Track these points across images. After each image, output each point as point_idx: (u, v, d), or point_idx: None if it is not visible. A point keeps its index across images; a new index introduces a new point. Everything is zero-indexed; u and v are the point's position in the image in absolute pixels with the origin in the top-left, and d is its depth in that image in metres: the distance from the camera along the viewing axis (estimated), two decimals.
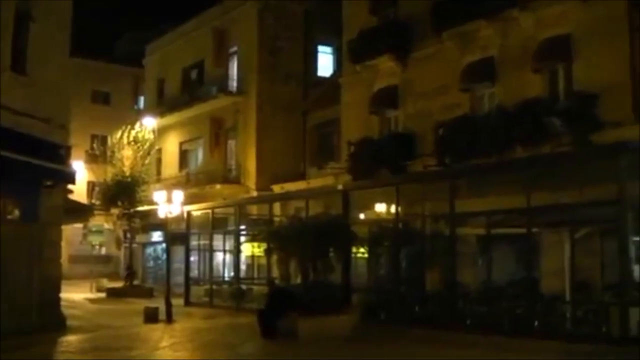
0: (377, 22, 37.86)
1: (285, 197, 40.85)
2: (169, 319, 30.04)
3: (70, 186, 28.62)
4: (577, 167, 23.68)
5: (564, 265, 25.21)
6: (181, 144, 55.87)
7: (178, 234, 41.00)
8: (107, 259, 64.29)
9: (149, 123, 52.13)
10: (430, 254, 29.11)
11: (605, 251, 24.90)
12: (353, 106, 38.91)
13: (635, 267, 23.41)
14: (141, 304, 34.57)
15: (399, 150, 34.55)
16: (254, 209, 41.68)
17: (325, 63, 50.45)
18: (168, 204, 33.89)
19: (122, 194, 48.71)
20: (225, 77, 50.71)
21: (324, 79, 48.47)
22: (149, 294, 45.45)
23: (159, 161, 56.89)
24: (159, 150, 55.75)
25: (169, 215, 33.99)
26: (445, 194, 26.17)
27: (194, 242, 43.03)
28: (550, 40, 28.76)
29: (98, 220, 53.15)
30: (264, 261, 37.13)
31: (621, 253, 20.87)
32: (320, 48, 50.41)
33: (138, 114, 60.17)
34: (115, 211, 50.50)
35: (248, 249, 39.85)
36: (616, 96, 26.12)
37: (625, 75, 26.12)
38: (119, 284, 50.25)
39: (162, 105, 56.86)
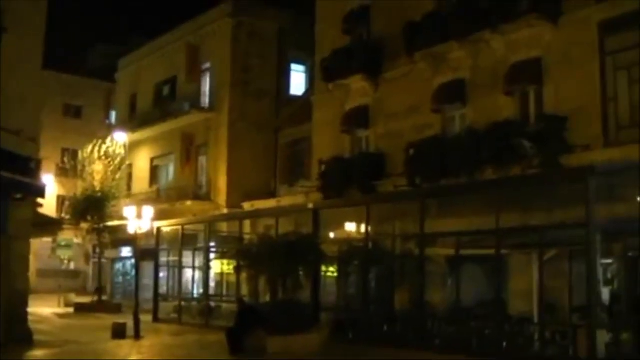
0: (350, 41, 37.99)
1: (255, 215, 40.83)
2: (137, 335, 29.93)
3: (39, 200, 28.51)
4: (546, 189, 23.88)
5: (532, 286, 25.38)
6: (152, 159, 55.71)
7: (147, 250, 40.89)
8: (75, 274, 63.99)
9: (120, 138, 52.00)
10: (399, 273, 29.24)
11: (574, 273, 25.06)
12: (324, 125, 39.01)
13: (603, 290, 23.64)
14: (109, 319, 34.42)
15: (369, 169, 34.63)
16: (224, 226, 41.65)
17: (297, 81, 50.50)
18: (138, 219, 33.81)
19: (92, 208, 48.52)
20: (198, 93, 50.67)
21: (296, 97, 48.51)
22: (117, 309, 45.23)
23: (129, 176, 56.64)
24: (130, 166, 55.54)
25: (139, 231, 33.90)
26: (415, 214, 26.31)
27: (163, 259, 42.94)
28: (522, 63, 28.98)
29: (67, 235, 52.94)
30: (233, 279, 37.11)
31: (589, 275, 21.04)
32: (293, 66, 50.47)
33: (109, 129, 60.07)
34: (84, 226, 50.23)
35: (217, 266, 39.85)
36: (586, 120, 26.35)
37: (594, 99, 26.37)
38: (87, 299, 50.00)
39: (134, 120, 56.74)
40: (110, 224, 48.52)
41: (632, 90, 25.73)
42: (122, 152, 51.19)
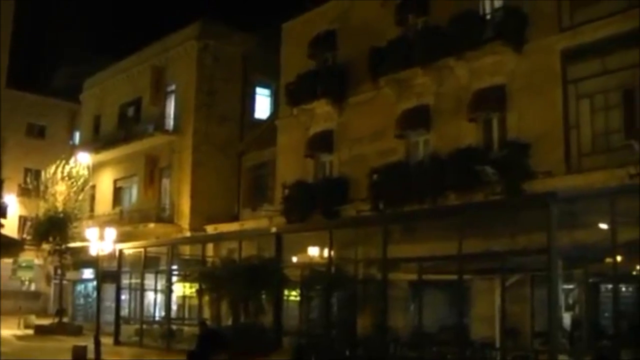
0: (315, 66, 38.12)
1: (218, 238, 40.72)
2: (98, 358, 29.68)
3: (1, 220, 28.28)
4: (508, 215, 23.98)
5: (494, 311, 25.44)
6: (115, 181, 55.35)
7: (109, 272, 40.62)
8: (36, 295, 63.37)
9: (83, 159, 51.72)
10: (362, 298, 29.22)
11: (535, 298, 25.21)
12: (288, 149, 39.06)
13: (564, 315, 23.78)
14: (70, 342, 34.13)
15: (333, 194, 34.71)
16: (186, 249, 41.47)
17: (262, 105, 50.49)
18: (100, 241, 33.62)
19: (54, 229, 48.12)
20: (162, 115, 50.46)
21: (260, 121, 48.50)
22: (78, 331, 44.77)
23: (92, 198, 56.21)
24: (93, 187, 55.15)
25: (101, 253, 33.71)
26: (378, 239, 26.33)
27: (125, 281, 42.66)
28: (485, 90, 29.23)
29: (28, 256, 52.50)
30: (195, 302, 36.89)
31: (550, 301, 21.12)
32: (258, 90, 50.45)
33: (73, 149, 59.66)
34: (46, 247, 49.78)
35: (180, 289, 39.62)
36: (548, 146, 26.63)
37: (557, 126, 26.66)
38: (47, 321, 49.46)
39: (98, 141, 56.37)
40: (72, 245, 48.13)
41: (594, 117, 26.08)
42: (86, 173, 50.89)
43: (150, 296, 41.79)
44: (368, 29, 35.04)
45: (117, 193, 55.24)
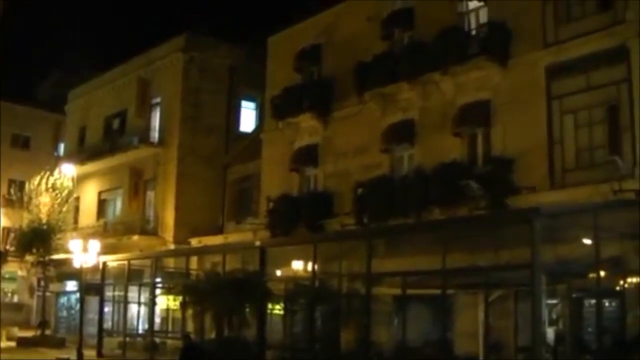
0: (301, 79, 38.17)
1: (202, 251, 40.64)
2: None
3: None
4: (492, 230, 24.00)
5: (478, 326, 25.49)
6: (100, 193, 55.19)
7: (93, 284, 40.48)
8: (19, 307, 63.09)
9: (68, 170, 51.59)
10: (345, 312, 29.18)
11: (519, 313, 25.22)
12: (273, 162, 39.06)
13: (548, 330, 23.81)
14: (52, 354, 34.05)
15: (317, 208, 34.73)
16: (170, 262, 41.32)
17: (247, 118, 50.48)
18: (84, 253, 33.54)
19: (37, 241, 48.00)
20: (148, 127, 50.38)
21: (246, 134, 48.51)
22: (61, 344, 44.63)
23: (76, 209, 56.05)
24: (77, 199, 55.01)
25: (85, 265, 33.62)
26: (362, 253, 26.30)
27: (108, 293, 42.47)
28: (470, 105, 29.33)
29: (11, 267, 52.48)
30: (179, 315, 36.77)
31: (534, 315, 21.13)
32: (244, 103, 50.45)
33: (58, 161, 59.48)
34: (29, 258, 49.67)
35: (163, 302, 39.49)
36: (532, 162, 26.74)
37: (541, 141, 26.77)
38: (30, 333, 49.30)
39: (83, 152, 56.22)
40: (55, 257, 48.00)
41: (578, 133, 26.18)
42: (70, 184, 50.78)
43: (133, 309, 41.62)
44: (354, 43, 35.13)
45: (102, 205, 55.08)
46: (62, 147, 67.32)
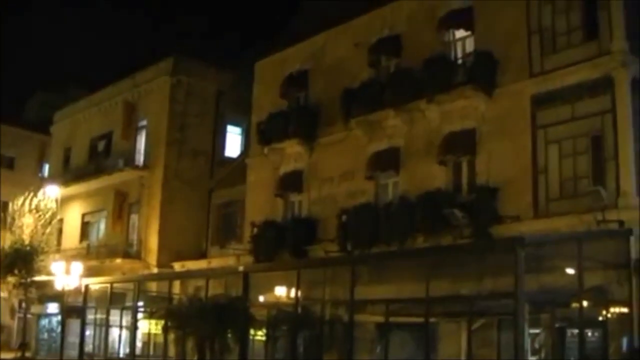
0: (287, 105, 38.21)
1: (185, 276, 40.49)
2: None
3: None
4: (476, 258, 24.00)
5: (460, 354, 25.48)
6: (83, 215, 54.93)
7: (74, 307, 40.23)
8: None
9: (52, 191, 51.37)
10: (328, 339, 29.07)
11: (502, 342, 25.21)
12: (258, 188, 39.03)
13: (530, 359, 23.76)
14: None
15: (301, 234, 34.71)
16: (153, 286, 41.10)
17: (233, 143, 50.45)
18: (66, 275, 33.37)
19: (19, 262, 47.65)
20: (133, 150, 50.30)
21: (231, 158, 48.50)
22: None
23: (59, 231, 55.75)
24: (61, 220, 54.74)
25: (67, 287, 33.45)
26: (345, 280, 26.25)
27: (90, 316, 42.13)
28: (456, 133, 29.43)
29: None
30: (161, 339, 36.55)
31: (516, 344, 21.09)
32: (230, 128, 50.42)
33: (42, 181, 59.20)
34: (11, 280, 49.27)
35: (145, 326, 39.28)
36: (517, 191, 26.84)
37: (526, 170, 26.87)
38: (10, 355, 48.91)
39: (67, 174, 56.00)
40: (37, 278, 47.69)
41: (562, 163, 26.27)
42: (54, 206, 50.58)
43: (115, 332, 41.32)
44: (340, 70, 35.23)
45: (85, 227, 54.83)
46: (46, 168, 67.10)
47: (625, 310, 23.24)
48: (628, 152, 24.55)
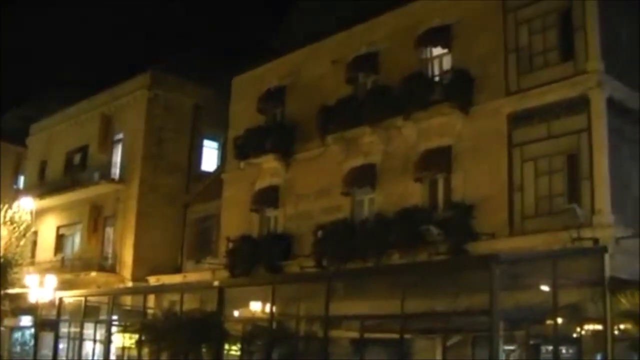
0: (264, 121, 38.23)
1: (160, 290, 40.31)
2: None
3: None
4: (451, 275, 24.08)
5: None
6: (58, 227, 54.65)
7: (48, 320, 39.99)
8: None
9: (27, 204, 51.08)
10: (303, 355, 29.04)
11: (476, 359, 25.28)
12: (234, 203, 39.00)
13: None
14: None
15: (277, 249, 34.69)
16: (128, 300, 40.99)
17: (210, 157, 50.36)
18: (40, 288, 33.18)
19: None
20: (109, 163, 50.11)
21: (207, 173, 48.41)
22: None
23: (34, 244, 55.44)
24: (35, 233, 54.40)
25: (40, 300, 33.25)
26: (321, 295, 26.26)
27: (64, 330, 41.94)
28: (432, 150, 29.55)
29: None
30: (135, 353, 36.39)
31: None
32: (207, 142, 50.35)
33: (17, 193, 58.85)
34: None
35: (120, 340, 39.11)
36: (492, 208, 26.97)
37: (502, 188, 27.01)
38: None
39: (43, 186, 55.75)
40: (11, 291, 47.36)
41: (538, 181, 26.42)
42: (28, 218, 50.28)
43: (89, 346, 41.15)
44: (318, 86, 35.33)
45: (60, 240, 54.56)
46: (22, 180, 66.76)
47: (599, 327, 23.37)
48: (603, 171, 24.74)
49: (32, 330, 48.39)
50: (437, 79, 30.88)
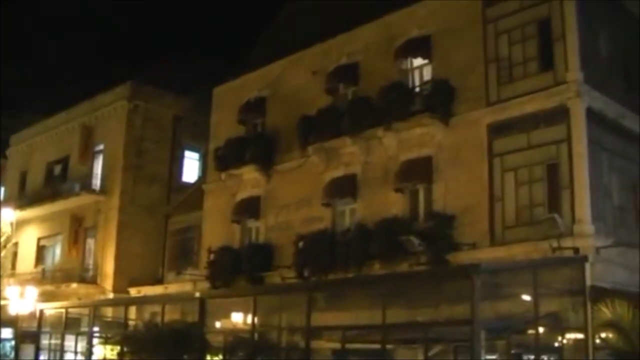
0: (245, 131, 38.21)
1: (141, 301, 40.19)
2: None
3: None
4: (433, 285, 24.11)
5: None
6: (39, 239, 54.41)
7: (29, 332, 39.79)
8: None
9: (7, 215, 50.88)
10: None
11: None
12: (215, 214, 38.95)
13: None
14: None
15: (258, 260, 34.64)
16: (109, 311, 40.83)
17: (191, 168, 50.36)
18: (20, 300, 33.04)
19: None
20: (90, 174, 49.94)
21: (188, 184, 48.35)
22: None
23: (14, 255, 55.25)
24: (16, 244, 54.22)
25: (21, 312, 33.10)
26: (302, 306, 26.25)
27: (45, 342, 41.72)
28: (413, 161, 29.61)
29: None
30: None
31: None
32: (187, 153, 50.35)
33: None
34: None
35: (101, 351, 38.96)
36: (473, 218, 27.05)
37: (482, 198, 27.08)
38: None
39: (23, 197, 55.50)
40: None
41: (518, 191, 26.50)
42: (9, 229, 50.08)
43: (70, 358, 40.99)
44: (298, 97, 35.35)
45: (40, 251, 54.34)
46: (2, 191, 66.48)
47: (580, 336, 23.46)
48: (583, 180, 24.86)
49: (13, 342, 48.11)
50: (417, 89, 30.93)
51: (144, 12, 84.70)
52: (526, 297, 22.64)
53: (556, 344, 24.13)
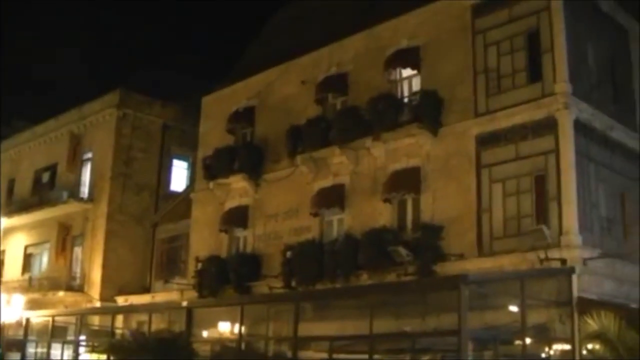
0: (233, 141, 38.18)
1: (128, 310, 40.15)
2: None
3: None
4: (420, 296, 24.14)
5: None
6: (26, 246, 54.25)
7: (15, 341, 39.66)
8: None
9: None
10: None
11: None
12: (203, 223, 38.89)
13: None
14: None
15: (245, 270, 34.57)
16: (96, 320, 40.71)
17: (179, 177, 50.30)
18: (7, 308, 32.93)
19: None
20: (78, 182, 49.86)
21: (176, 193, 48.26)
22: None
23: (1, 263, 55.12)
24: (2, 252, 54.11)
25: (7, 320, 32.99)
26: (289, 316, 26.25)
27: (31, 350, 41.58)
28: (401, 171, 29.62)
29: None
30: None
31: None
32: (176, 162, 50.29)
33: None
34: None
35: None
36: (461, 229, 27.07)
37: (470, 209, 27.12)
38: None
39: (11, 205, 55.29)
40: None
41: (506, 202, 26.53)
42: None
43: None
44: (287, 107, 35.35)
45: (28, 259, 54.17)
46: None
47: (567, 347, 23.51)
48: (571, 192, 24.92)
49: None
50: (405, 100, 30.97)
51: (133, 20, 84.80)
52: (513, 308, 22.69)
53: (543, 355, 24.20)
